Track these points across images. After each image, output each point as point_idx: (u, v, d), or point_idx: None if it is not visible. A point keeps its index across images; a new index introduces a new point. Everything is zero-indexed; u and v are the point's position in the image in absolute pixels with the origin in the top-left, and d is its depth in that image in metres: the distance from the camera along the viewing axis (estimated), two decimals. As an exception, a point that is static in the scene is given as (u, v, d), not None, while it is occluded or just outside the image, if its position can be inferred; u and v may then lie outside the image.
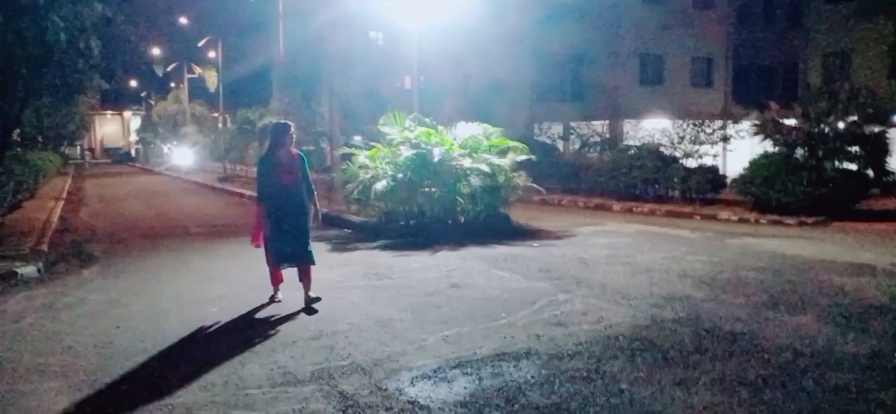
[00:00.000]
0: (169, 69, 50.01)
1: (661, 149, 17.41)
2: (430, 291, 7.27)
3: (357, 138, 14.70)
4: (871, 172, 14.65)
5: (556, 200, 17.11)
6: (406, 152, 11.50)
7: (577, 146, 21.13)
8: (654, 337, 5.46)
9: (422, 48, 16.07)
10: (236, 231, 12.64)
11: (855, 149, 14.51)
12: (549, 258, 9.15)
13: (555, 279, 7.76)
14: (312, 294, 6.74)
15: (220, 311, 6.63)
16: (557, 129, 22.83)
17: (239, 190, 22.43)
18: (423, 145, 11.59)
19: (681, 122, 18.04)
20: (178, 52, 47.00)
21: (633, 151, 17.75)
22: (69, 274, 8.82)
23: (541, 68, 27.32)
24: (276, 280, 6.93)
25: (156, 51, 41.68)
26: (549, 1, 25.12)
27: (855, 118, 14.67)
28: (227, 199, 21.03)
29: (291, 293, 6.84)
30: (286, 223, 6.60)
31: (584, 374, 4.66)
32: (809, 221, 12.83)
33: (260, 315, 6.49)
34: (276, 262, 6.75)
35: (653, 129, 19.07)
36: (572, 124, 22.39)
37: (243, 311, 6.61)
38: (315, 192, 6.90)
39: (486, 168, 11.56)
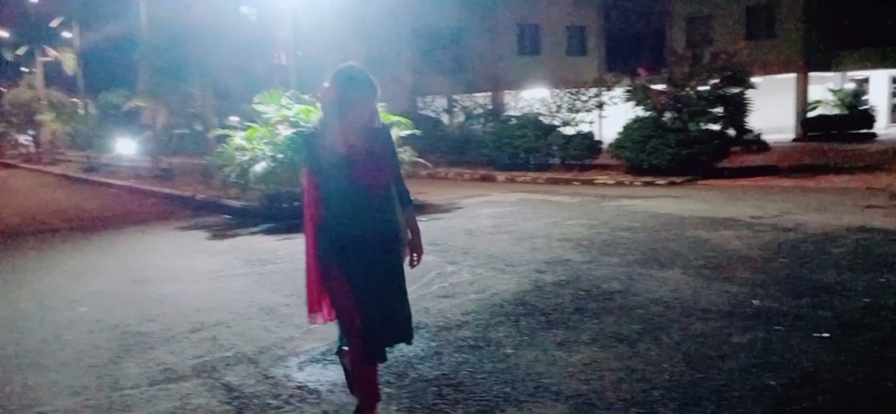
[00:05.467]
0: (19, 53, 45.94)
1: (541, 118, 17.94)
2: (317, 273, 7.14)
3: (233, 119, 14.13)
4: (732, 131, 15.75)
5: (442, 174, 17.27)
6: (285, 132, 11.18)
7: (461, 119, 21.40)
8: (536, 301, 5.63)
9: (298, 23, 15.65)
10: (106, 224, 11.91)
11: (717, 110, 15.52)
12: (437, 231, 9.23)
13: (443, 252, 7.83)
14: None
15: (92, 309, 6.22)
16: (441, 102, 23.03)
17: (106, 179, 21.11)
18: (302, 123, 11.31)
19: (558, 90, 18.65)
20: (28, 34, 43.21)
21: (514, 122, 18.18)
22: (-87, 283, 7.99)
23: (422, 42, 27.41)
24: (372, 390, 3.49)
25: (2, 33, 38.16)
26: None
27: (716, 80, 15.68)
28: (93, 191, 19.73)
29: (174, 268, 6.50)
30: (368, 269, 3.24)
31: (472, 342, 4.74)
32: (678, 180, 13.64)
33: (135, 310, 6.14)
34: (369, 351, 3.32)
35: (532, 98, 19.60)
36: (455, 97, 22.64)
37: (117, 308, 6.23)
38: (413, 204, 3.52)
39: (369, 144, 11.44)
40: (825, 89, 28.11)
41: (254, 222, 10.91)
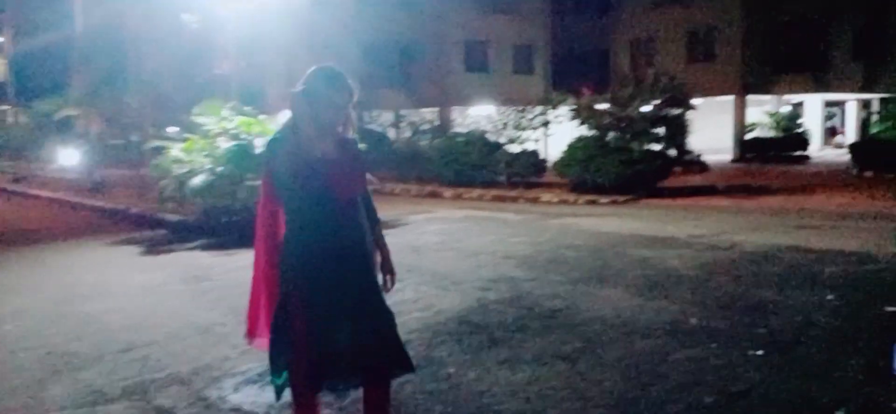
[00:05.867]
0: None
1: (488, 135, 18.06)
2: (257, 290, 6.97)
3: (172, 130, 13.76)
4: (674, 152, 16.16)
5: (389, 189, 17.18)
6: (225, 144, 10.94)
7: (408, 134, 21.38)
8: (480, 319, 5.61)
9: (242, 32, 15.38)
10: (34, 238, 11.41)
11: (659, 130, 15.92)
12: (381, 247, 9.12)
13: (386, 268, 7.73)
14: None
15: (17, 328, 5.91)
16: (388, 117, 22.97)
17: (36, 191, 20.27)
18: (243, 136, 11.09)
19: (505, 108, 18.82)
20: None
21: (461, 139, 18.26)
22: None
23: (369, 56, 27.28)
24: None
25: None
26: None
27: (658, 102, 16.09)
28: (21, 203, 18.92)
29: (105, 285, 6.24)
30: (335, 290, 2.91)
31: (414, 361, 4.66)
32: (621, 199, 13.88)
33: (63, 329, 5.86)
34: (306, 379, 2.98)
35: (480, 115, 19.75)
36: (403, 112, 22.61)
37: (43, 326, 5.94)
38: (380, 222, 3.23)
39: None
40: (762, 112, 29.15)
41: (191, 237, 10.61)
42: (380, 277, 3.12)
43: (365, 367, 3.00)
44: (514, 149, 17.62)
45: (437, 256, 8.42)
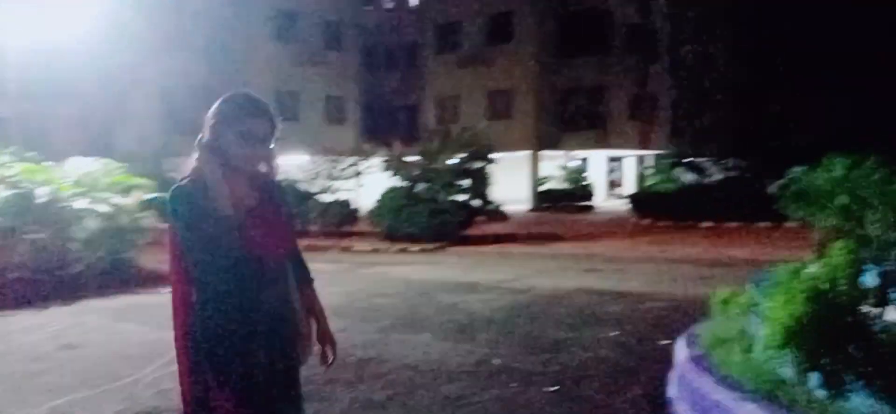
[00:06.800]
0: None
1: (300, 184, 17.84)
2: (36, 357, 6.25)
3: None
4: (477, 202, 17.04)
5: (192, 240, 16.27)
6: (3, 194, 9.79)
7: (212, 183, 20.48)
8: (306, 372, 5.47)
9: (24, 70, 13.95)
10: None
11: (464, 182, 16.73)
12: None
13: (188, 325, 7.31)
14: None
15: None
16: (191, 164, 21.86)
17: None
18: (23, 184, 9.99)
19: (317, 157, 18.76)
20: None
21: (271, 188, 17.86)
22: None
23: (171, 100, 25.92)
24: None
25: None
26: (171, 31, 24.01)
27: (463, 155, 16.94)
28: None
29: None
30: (263, 374, 2.34)
31: (218, 422, 4.44)
32: (430, 246, 14.34)
33: None
34: None
35: (291, 164, 19.44)
36: (209, 161, 21.66)
37: None
38: (313, 280, 2.64)
39: (106, 209, 10.44)
40: (554, 166, 31.76)
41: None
42: (315, 349, 2.52)
43: None
44: (327, 198, 17.56)
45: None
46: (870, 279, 4.18)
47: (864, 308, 3.80)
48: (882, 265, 4.24)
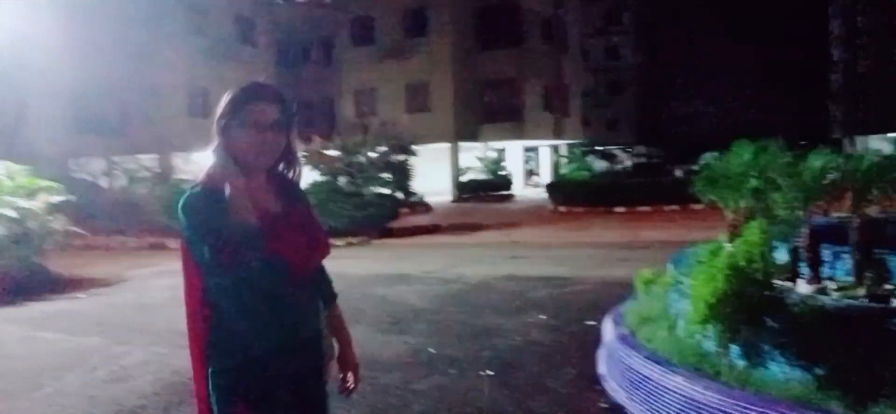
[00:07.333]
0: None
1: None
2: (-56, 371, 5.89)
3: None
4: (401, 194, 17.09)
5: (102, 243, 15.58)
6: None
7: (123, 183, 19.65)
8: (224, 373, 5.39)
9: None
10: None
11: (386, 175, 16.73)
12: (102, 309, 8.30)
13: (109, 331, 7.06)
14: None
15: None
16: (101, 164, 20.89)
17: None
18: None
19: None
20: None
21: (185, 186, 17.30)
22: None
23: (78, 98, 24.61)
24: None
25: None
26: (78, 27, 22.82)
27: (384, 148, 16.93)
28: None
29: None
30: (294, 405, 2.05)
31: (153, 428, 4.35)
32: (355, 240, 14.28)
33: None
34: None
35: (204, 162, 18.89)
36: (116, 159, 20.74)
37: None
38: (337, 297, 2.33)
39: (11, 213, 9.87)
40: (473, 157, 32.14)
41: None
42: (334, 372, 2.23)
43: None
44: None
45: (171, 313, 7.85)
46: (781, 256, 4.53)
47: (778, 282, 4.11)
48: (790, 242, 4.60)
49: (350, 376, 2.24)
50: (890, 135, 30.35)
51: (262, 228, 1.87)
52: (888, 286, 4.07)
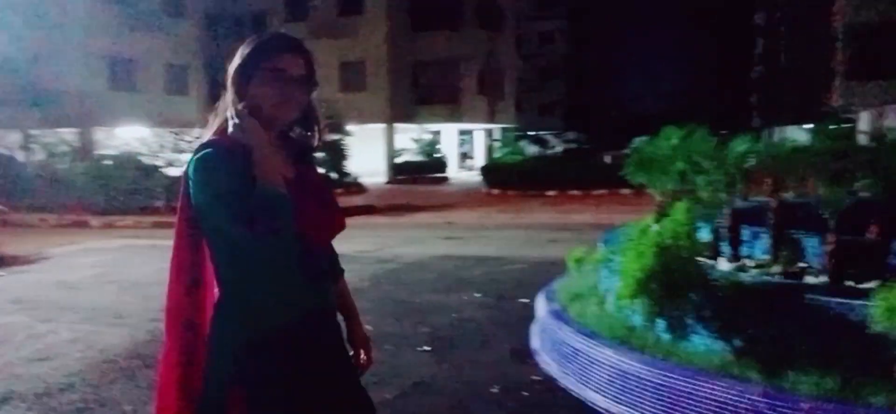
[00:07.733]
0: None
1: (142, 158, 16.81)
2: None
3: None
4: (335, 174, 16.96)
5: (19, 220, 14.88)
6: None
7: (42, 157, 18.77)
8: (153, 352, 5.27)
9: None
10: None
11: (321, 155, 16.57)
12: (22, 287, 7.97)
13: (32, 309, 6.80)
14: None
15: None
16: (16, 138, 19.88)
17: None
18: None
19: (160, 130, 17.73)
20: None
21: (111, 162, 16.68)
22: None
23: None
24: None
25: None
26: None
27: (318, 127, 16.77)
28: None
29: None
30: (315, 389, 1.80)
31: (81, 406, 4.25)
32: (288, 220, 14.11)
33: None
34: None
35: (130, 137, 18.27)
36: (34, 133, 19.78)
37: None
38: (344, 270, 2.16)
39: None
40: (408, 139, 32.10)
41: None
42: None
43: None
44: (174, 172, 16.67)
45: (96, 291, 7.63)
46: (704, 235, 4.76)
47: (701, 260, 4.34)
48: (713, 222, 4.85)
49: (361, 355, 2.07)
50: (805, 125, 32.03)
51: (286, 196, 1.68)
52: (801, 264, 4.34)
